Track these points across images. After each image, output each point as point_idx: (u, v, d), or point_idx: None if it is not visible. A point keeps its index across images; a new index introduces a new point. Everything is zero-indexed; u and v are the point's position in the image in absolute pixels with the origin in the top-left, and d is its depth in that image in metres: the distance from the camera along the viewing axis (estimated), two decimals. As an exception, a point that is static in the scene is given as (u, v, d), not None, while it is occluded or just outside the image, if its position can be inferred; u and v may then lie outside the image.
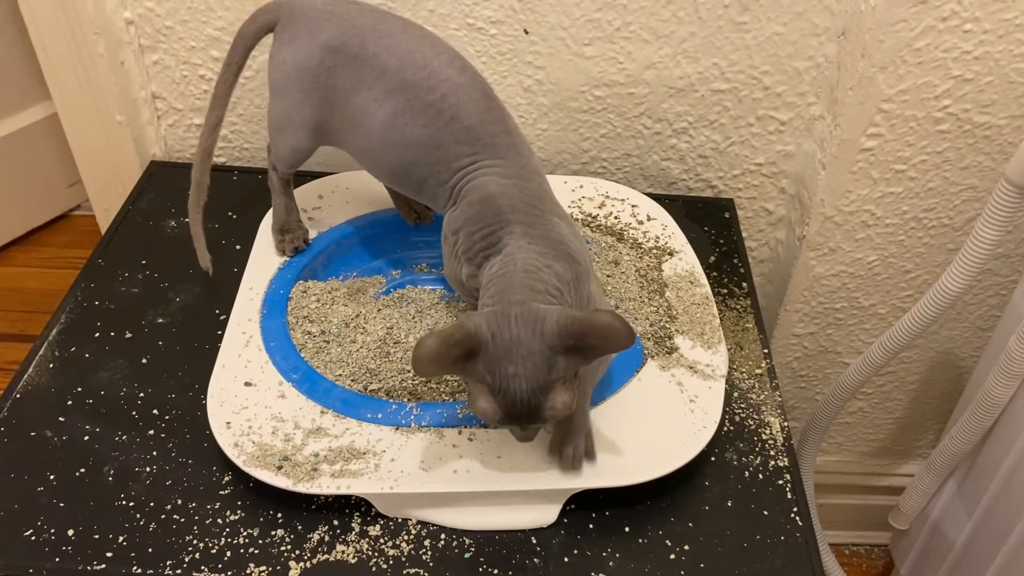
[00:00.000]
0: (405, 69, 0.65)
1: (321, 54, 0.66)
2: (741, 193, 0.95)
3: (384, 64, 0.65)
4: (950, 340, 1.02)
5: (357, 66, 0.66)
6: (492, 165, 0.64)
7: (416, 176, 0.67)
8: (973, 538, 0.90)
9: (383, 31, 0.66)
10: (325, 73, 0.66)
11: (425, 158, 0.65)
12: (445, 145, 0.64)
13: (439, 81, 0.64)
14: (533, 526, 0.61)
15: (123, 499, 0.61)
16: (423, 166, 0.66)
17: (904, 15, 0.74)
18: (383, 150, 0.67)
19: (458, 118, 0.64)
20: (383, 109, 0.65)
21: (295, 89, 0.68)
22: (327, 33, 0.66)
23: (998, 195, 0.72)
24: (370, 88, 0.65)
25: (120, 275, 0.78)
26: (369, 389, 0.67)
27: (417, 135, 0.65)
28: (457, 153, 0.64)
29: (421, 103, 0.64)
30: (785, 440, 0.68)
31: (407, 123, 0.65)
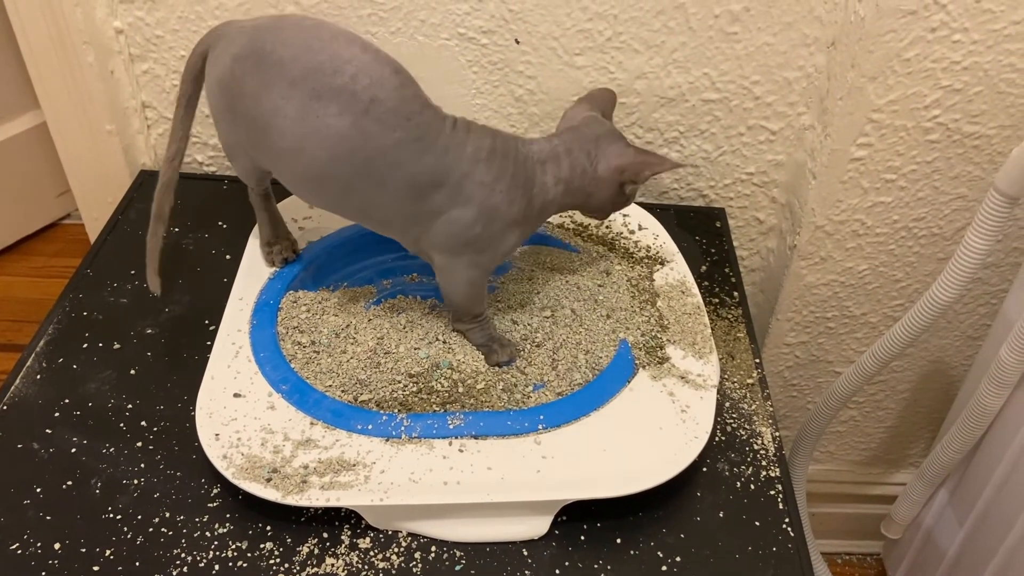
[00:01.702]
0: (302, 57, 0.60)
1: (231, 66, 0.63)
2: (732, 202, 0.95)
3: (280, 56, 0.60)
4: (941, 349, 1.03)
5: (259, 68, 0.61)
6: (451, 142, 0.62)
7: (342, 182, 0.62)
8: (965, 547, 0.90)
9: (281, 27, 0.62)
10: (237, 84, 0.63)
11: (352, 155, 0.61)
12: (374, 135, 0.60)
13: (343, 62, 0.60)
14: (524, 538, 0.61)
15: (110, 512, 0.60)
16: (351, 166, 0.61)
17: (893, 26, 0.74)
18: (299, 151, 0.62)
19: (378, 100, 0.60)
20: (291, 103, 0.60)
21: (222, 110, 0.65)
22: (236, 45, 0.63)
23: (988, 205, 0.73)
24: (273, 85, 0.61)
25: (109, 285, 0.77)
26: (359, 400, 0.66)
27: (334, 125, 0.60)
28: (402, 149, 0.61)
29: (330, 88, 0.59)
30: (777, 450, 0.68)
31: (319, 113, 0.60)
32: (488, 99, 0.88)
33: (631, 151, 0.67)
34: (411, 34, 0.83)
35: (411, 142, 0.61)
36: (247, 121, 0.64)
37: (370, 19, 0.83)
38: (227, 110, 0.65)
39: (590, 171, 0.67)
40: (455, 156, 0.62)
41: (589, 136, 0.67)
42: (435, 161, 0.62)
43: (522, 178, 0.65)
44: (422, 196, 0.63)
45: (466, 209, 0.63)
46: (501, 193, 0.64)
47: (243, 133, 0.65)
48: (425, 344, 0.71)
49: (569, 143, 0.67)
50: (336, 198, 0.65)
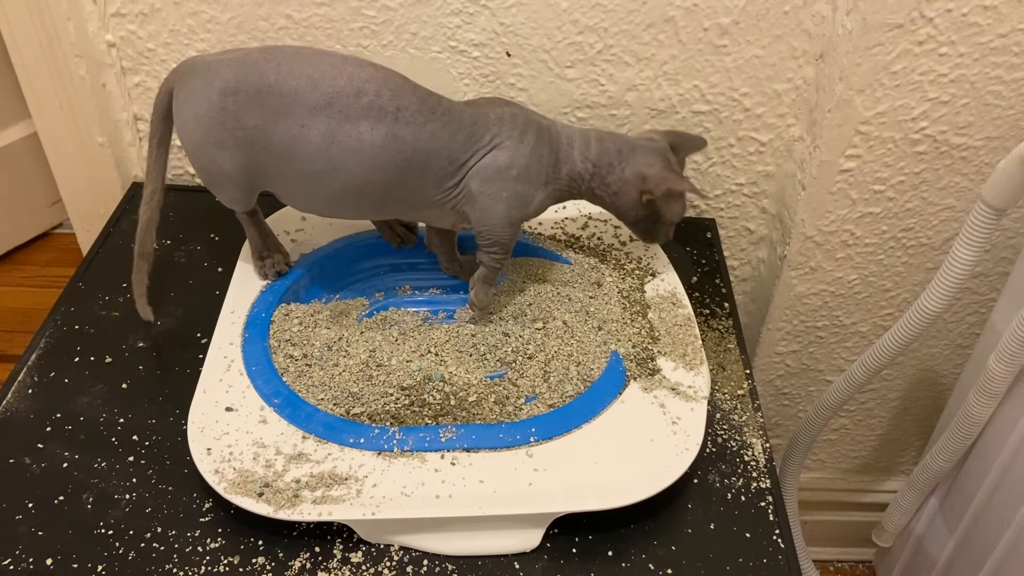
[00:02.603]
0: (321, 84, 0.63)
1: (221, 100, 0.64)
2: (723, 213, 0.95)
3: (294, 87, 0.63)
4: (931, 358, 1.03)
5: (263, 100, 0.63)
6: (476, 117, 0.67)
7: (380, 186, 0.66)
8: (955, 555, 0.91)
9: (276, 58, 0.64)
10: (232, 119, 0.64)
11: (388, 160, 0.65)
12: (407, 138, 0.64)
13: (363, 82, 0.64)
14: (516, 551, 0.61)
15: (102, 527, 0.60)
16: (387, 170, 0.65)
17: (880, 39, 0.75)
18: (330, 172, 0.65)
19: (403, 107, 0.64)
20: (314, 131, 0.63)
21: (207, 145, 0.66)
22: (220, 78, 0.64)
23: (975, 216, 0.73)
24: (288, 116, 0.63)
25: (101, 298, 0.77)
26: (351, 413, 0.67)
27: (368, 140, 0.64)
28: (435, 141, 0.65)
29: (356, 108, 0.63)
30: (767, 461, 0.69)
31: (350, 133, 0.64)
32: (480, 111, 0.88)
33: (659, 164, 0.70)
34: (402, 47, 0.84)
35: (443, 128, 0.66)
36: (251, 152, 0.65)
37: (362, 32, 0.83)
38: (215, 145, 0.65)
39: (618, 169, 0.70)
40: (483, 124, 0.67)
41: (629, 141, 0.72)
42: (468, 135, 0.67)
43: (546, 141, 0.69)
44: (462, 164, 0.68)
45: (500, 153, 0.68)
46: (529, 145, 0.68)
47: (235, 164, 0.66)
48: (417, 357, 0.71)
49: (603, 135, 0.71)
50: (371, 203, 0.69)
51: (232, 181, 0.68)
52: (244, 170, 0.67)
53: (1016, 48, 0.76)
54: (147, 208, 0.71)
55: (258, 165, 0.66)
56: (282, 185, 0.68)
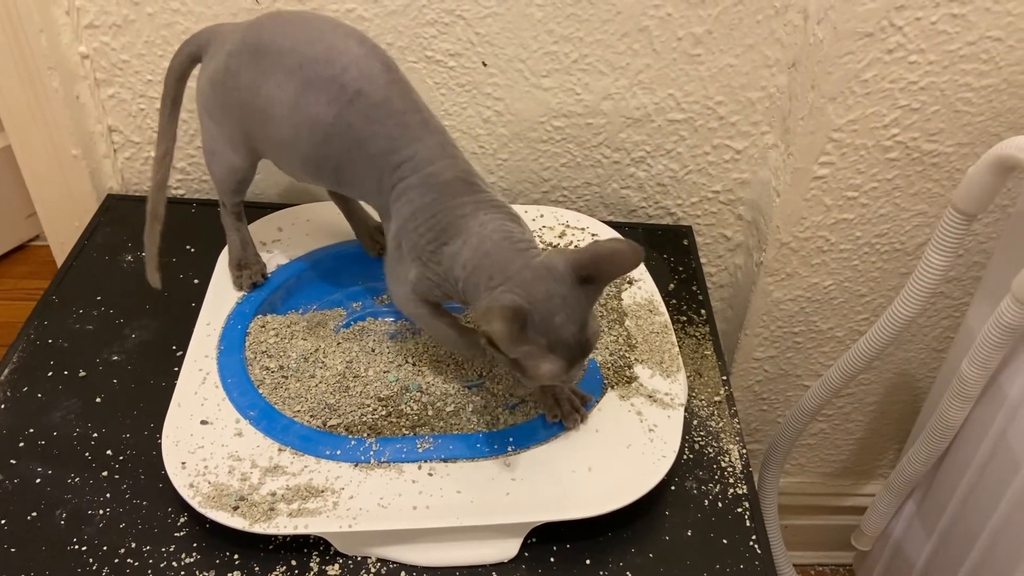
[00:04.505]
0: (300, 46, 0.63)
1: (227, 61, 0.65)
2: (700, 220, 0.96)
3: (279, 46, 0.63)
4: (906, 362, 1.04)
5: (257, 59, 0.64)
6: (414, 155, 0.62)
7: (333, 162, 0.65)
8: (933, 558, 0.91)
9: (280, 20, 0.65)
10: (233, 78, 0.65)
11: (337, 141, 0.63)
12: (356, 126, 0.62)
13: (337, 53, 0.62)
14: (494, 561, 0.61)
15: (75, 543, 0.60)
16: (337, 149, 0.64)
17: (851, 48, 0.76)
18: (294, 138, 0.64)
19: (363, 93, 0.62)
20: (286, 92, 0.63)
21: (215, 106, 0.68)
22: (231, 42, 0.66)
23: (946, 222, 0.74)
24: (271, 75, 0.63)
25: (75, 312, 0.77)
26: (328, 425, 0.66)
27: (323, 114, 0.62)
28: (376, 143, 0.62)
29: (322, 78, 0.62)
30: (744, 467, 0.69)
31: (311, 102, 0.62)
32: (456, 120, 0.88)
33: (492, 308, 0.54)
34: (378, 57, 0.84)
35: (384, 139, 0.62)
36: (244, 113, 0.66)
37: (337, 43, 0.83)
38: (220, 107, 0.67)
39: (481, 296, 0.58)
40: (408, 168, 0.63)
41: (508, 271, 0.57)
42: (400, 162, 0.63)
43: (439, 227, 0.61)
44: (384, 192, 0.64)
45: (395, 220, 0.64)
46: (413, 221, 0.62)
47: (236, 126, 0.67)
48: (395, 367, 0.71)
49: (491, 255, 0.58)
50: (332, 179, 0.67)
51: (232, 144, 0.69)
52: (242, 133, 0.67)
53: (985, 56, 0.77)
54: (160, 167, 0.72)
55: (250, 127, 0.67)
56: (267, 150, 0.68)
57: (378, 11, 0.81)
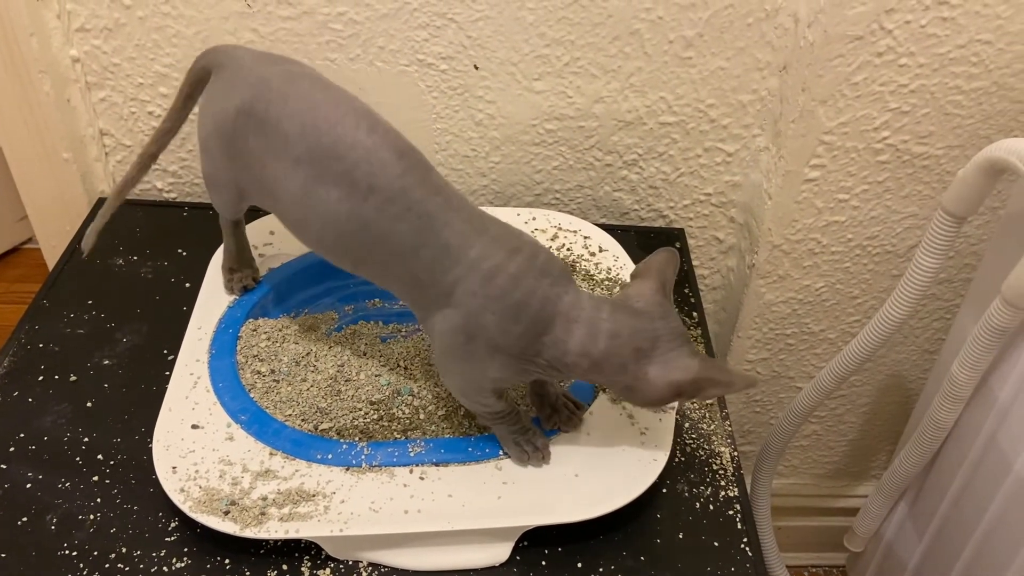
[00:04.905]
0: (308, 136, 0.59)
1: (235, 117, 0.62)
2: (692, 223, 0.96)
3: (287, 131, 0.59)
4: (898, 363, 1.05)
5: (264, 133, 0.61)
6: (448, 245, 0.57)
7: (351, 255, 0.61)
8: (925, 559, 0.91)
9: (287, 94, 0.60)
10: (240, 138, 0.62)
11: (354, 238, 0.59)
12: (373, 223, 0.58)
13: (347, 148, 0.58)
14: (486, 565, 0.61)
15: (66, 548, 0.59)
16: (354, 245, 0.60)
17: (841, 51, 0.76)
18: (304, 223, 0.62)
19: (377, 189, 0.57)
20: (294, 181, 0.60)
21: (215, 149, 0.65)
22: (240, 95, 0.62)
23: (936, 224, 0.74)
24: (277, 158, 0.60)
25: (65, 316, 0.76)
26: (320, 429, 0.66)
27: (336, 211, 0.58)
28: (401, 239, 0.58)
29: (332, 173, 0.58)
30: (735, 470, 0.69)
31: (322, 197, 0.59)
32: (448, 123, 0.88)
33: (695, 365, 0.56)
34: (370, 60, 0.84)
35: (409, 234, 0.57)
36: (250, 176, 0.64)
37: (328, 46, 0.83)
38: (225, 155, 0.64)
39: (634, 369, 0.57)
40: (456, 257, 0.57)
41: (648, 331, 0.57)
42: (432, 257, 0.57)
43: (528, 316, 0.57)
44: (421, 288, 0.59)
45: (454, 313, 0.58)
46: (490, 315, 0.56)
47: (240, 178, 0.65)
48: (386, 371, 0.71)
49: (620, 327, 0.57)
50: (351, 268, 0.63)
51: (229, 188, 0.67)
52: (240, 185, 0.66)
53: (974, 59, 0.77)
54: (140, 166, 0.71)
55: (251, 188, 0.65)
56: (273, 212, 0.66)
57: (369, 15, 0.81)
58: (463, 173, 0.92)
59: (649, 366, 0.57)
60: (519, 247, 0.58)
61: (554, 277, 0.58)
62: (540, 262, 0.58)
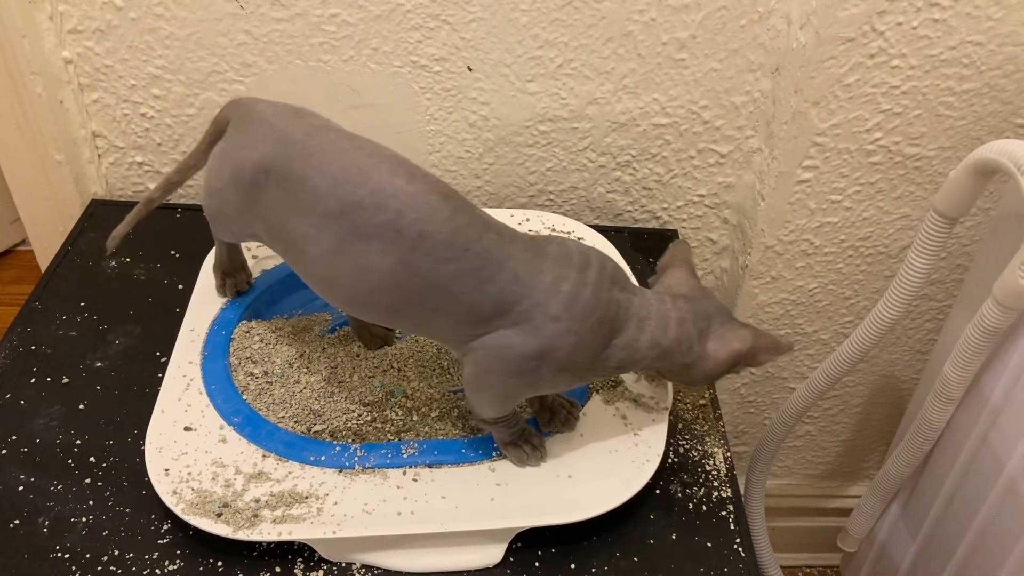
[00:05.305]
0: (340, 189, 0.56)
1: (252, 173, 0.60)
2: (685, 224, 0.96)
3: (315, 186, 0.57)
4: (891, 364, 1.05)
5: (286, 189, 0.58)
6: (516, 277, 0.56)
7: (390, 307, 0.58)
8: (918, 560, 0.92)
9: (312, 148, 0.58)
10: (257, 192, 0.60)
11: (398, 289, 0.56)
12: (426, 270, 0.55)
13: (387, 197, 0.55)
14: (479, 566, 0.61)
15: (58, 550, 0.59)
16: (398, 297, 0.57)
17: (833, 52, 0.76)
18: (332, 280, 0.59)
19: (427, 235, 0.55)
20: (324, 236, 0.57)
21: (228, 201, 0.64)
22: (260, 150, 0.60)
23: (927, 225, 0.74)
24: (304, 214, 0.57)
25: (58, 318, 0.76)
26: (313, 431, 0.66)
27: (377, 263, 0.56)
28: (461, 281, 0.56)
29: (370, 225, 0.55)
30: (728, 471, 0.69)
31: (359, 250, 0.56)
32: (442, 125, 0.89)
33: (748, 334, 0.61)
34: (364, 62, 0.84)
35: (470, 273, 0.56)
36: (266, 226, 0.62)
37: (322, 47, 0.83)
38: (240, 203, 0.63)
39: (697, 348, 0.60)
40: (528, 284, 0.56)
41: (703, 311, 0.61)
42: (500, 290, 0.56)
43: (606, 328, 0.57)
44: (482, 322, 0.57)
45: (528, 339, 0.56)
46: (573, 336, 0.56)
47: (254, 225, 0.63)
48: (380, 372, 0.71)
49: (684, 313, 0.60)
50: (380, 320, 0.61)
51: (237, 236, 0.68)
52: (252, 234, 0.65)
53: (966, 60, 0.78)
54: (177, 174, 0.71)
55: (267, 240, 0.64)
56: (293, 267, 0.63)
57: (363, 16, 0.81)
58: (457, 175, 0.92)
59: (708, 343, 0.60)
60: (585, 261, 0.58)
61: (620, 282, 0.59)
62: (608, 271, 0.59)
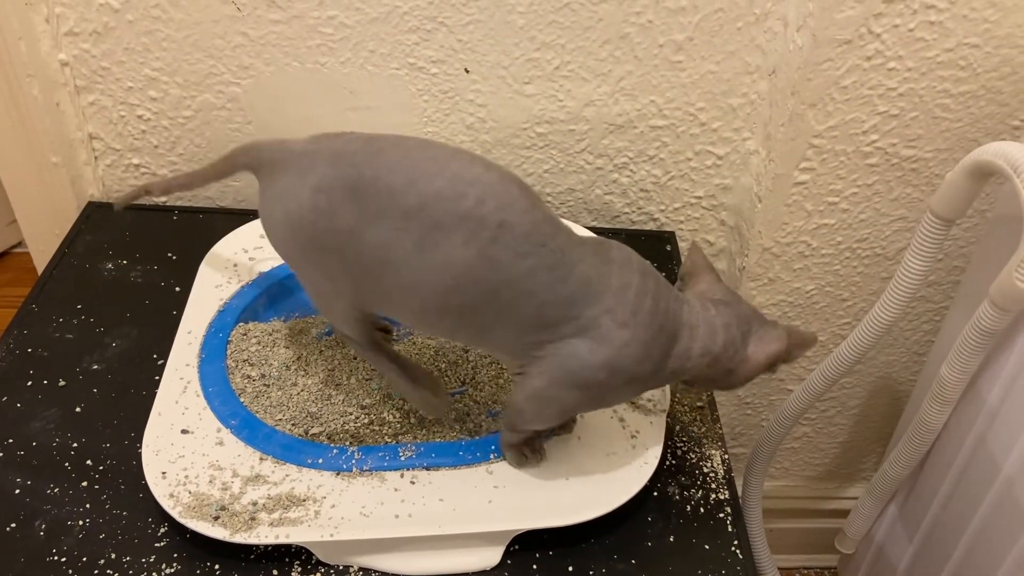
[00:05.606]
0: (419, 183, 0.53)
1: (313, 199, 0.55)
2: (683, 226, 0.96)
3: (390, 184, 0.54)
4: (888, 365, 1.05)
5: (358, 198, 0.54)
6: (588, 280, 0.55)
7: (461, 308, 0.55)
8: (915, 562, 0.92)
9: (376, 150, 0.55)
10: (325, 220, 0.55)
11: (475, 285, 0.54)
12: (504, 263, 0.53)
13: (466, 184, 0.53)
14: (477, 569, 0.61)
15: (55, 554, 0.59)
16: (474, 293, 0.54)
17: (830, 55, 0.76)
18: (415, 286, 0.55)
19: (508, 225, 0.53)
20: (407, 236, 0.53)
21: (303, 254, 0.58)
22: (315, 173, 0.55)
23: (924, 227, 0.75)
24: (382, 217, 0.54)
25: (55, 320, 0.76)
26: (310, 433, 0.66)
27: (458, 256, 0.53)
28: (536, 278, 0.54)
29: (452, 215, 0.53)
30: (726, 472, 0.69)
31: (440, 244, 0.53)
32: (439, 127, 0.89)
33: (783, 333, 0.61)
34: (361, 64, 0.84)
35: (545, 271, 0.54)
36: (346, 259, 0.57)
37: (319, 49, 0.83)
38: (314, 249, 0.57)
39: (741, 351, 0.59)
40: (598, 289, 0.55)
41: (743, 315, 0.60)
42: (571, 293, 0.55)
43: (666, 336, 0.57)
44: (550, 327, 0.56)
45: (596, 348, 0.55)
46: (640, 346, 0.56)
47: (339, 270, 0.58)
48: (377, 375, 0.71)
49: (727, 318, 0.59)
50: (448, 327, 0.59)
51: (341, 296, 0.60)
52: (342, 280, 0.58)
53: (962, 62, 0.78)
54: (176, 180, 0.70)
55: (356, 278, 0.57)
56: (376, 300, 0.59)
57: (360, 18, 0.81)
58: (454, 177, 0.92)
59: (749, 345, 0.60)
60: (645, 268, 0.58)
61: (672, 290, 0.60)
62: (662, 279, 0.59)
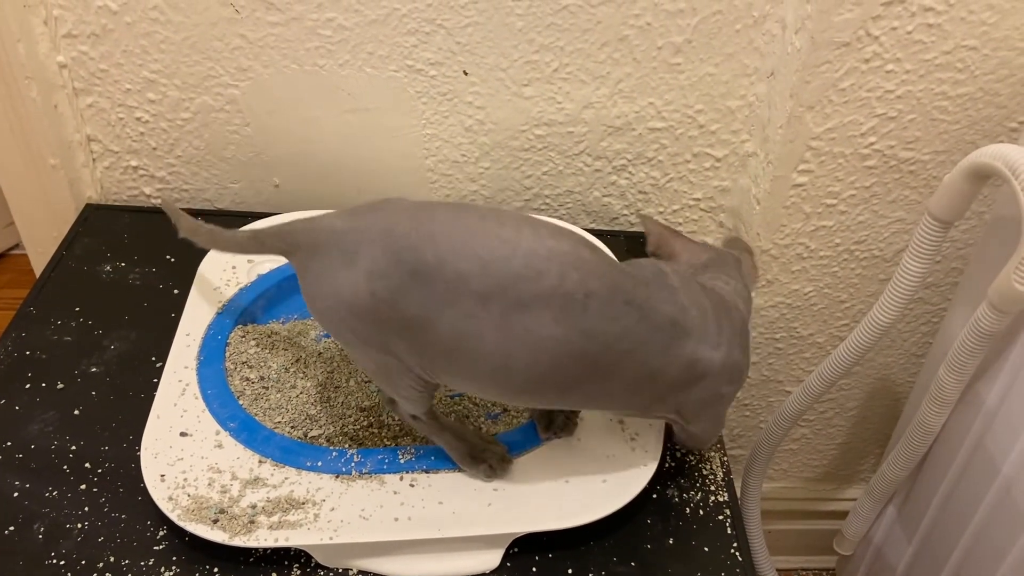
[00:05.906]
0: (492, 264, 0.51)
1: (369, 286, 0.53)
2: (681, 227, 0.96)
3: (459, 270, 0.51)
4: (886, 367, 1.05)
5: (423, 283, 0.52)
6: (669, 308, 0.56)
7: (565, 381, 0.55)
8: (914, 563, 0.92)
9: (430, 232, 0.53)
10: (386, 307, 0.53)
11: (574, 359, 0.53)
12: (599, 332, 0.53)
13: (544, 262, 0.51)
14: (476, 572, 0.61)
15: (53, 557, 0.59)
16: (576, 367, 0.54)
17: (828, 57, 0.76)
18: (505, 370, 0.54)
19: (594, 294, 0.52)
20: (489, 318, 0.52)
21: (364, 339, 0.56)
22: (367, 257, 0.53)
23: (922, 229, 0.75)
24: (454, 304, 0.52)
25: (53, 323, 0.76)
26: (309, 436, 0.66)
27: (551, 335, 0.52)
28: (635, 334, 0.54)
29: (536, 296, 0.51)
30: (725, 475, 0.69)
31: (527, 324, 0.52)
32: (438, 129, 0.89)
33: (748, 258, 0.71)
34: (359, 66, 0.84)
35: (637, 323, 0.54)
36: (409, 343, 0.55)
37: (318, 51, 0.83)
38: (378, 334, 0.55)
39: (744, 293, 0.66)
40: (683, 326, 0.56)
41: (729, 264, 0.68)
42: (668, 337, 0.55)
43: (739, 322, 0.60)
44: (657, 374, 0.56)
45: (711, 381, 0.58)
46: (736, 351, 0.58)
47: (404, 352, 0.56)
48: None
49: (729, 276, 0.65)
50: (551, 400, 0.59)
51: (406, 373, 0.57)
52: (410, 359, 0.56)
53: (960, 65, 0.78)
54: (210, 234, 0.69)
55: (423, 360, 0.56)
56: (451, 378, 0.57)
57: (358, 20, 0.81)
58: (453, 179, 0.92)
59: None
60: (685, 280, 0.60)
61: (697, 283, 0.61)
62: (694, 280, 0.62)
